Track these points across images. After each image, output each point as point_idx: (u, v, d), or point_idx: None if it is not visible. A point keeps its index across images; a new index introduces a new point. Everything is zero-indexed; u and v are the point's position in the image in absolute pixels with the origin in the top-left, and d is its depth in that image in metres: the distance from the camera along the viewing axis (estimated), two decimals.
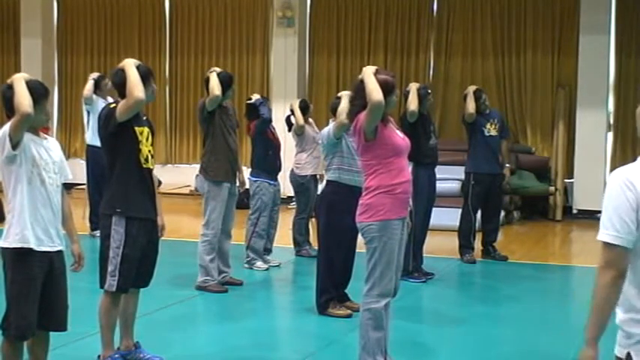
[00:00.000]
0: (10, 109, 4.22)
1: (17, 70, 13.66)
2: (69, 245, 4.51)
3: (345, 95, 6.53)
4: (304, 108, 9.14)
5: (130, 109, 4.85)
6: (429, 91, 8.38)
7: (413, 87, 8.15)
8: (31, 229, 4.23)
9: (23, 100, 4.11)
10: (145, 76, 4.93)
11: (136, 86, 4.78)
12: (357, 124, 4.92)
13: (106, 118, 4.95)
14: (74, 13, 15.73)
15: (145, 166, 5.01)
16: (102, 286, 5.00)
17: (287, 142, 9.82)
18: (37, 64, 15.11)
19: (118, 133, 4.92)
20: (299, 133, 9.03)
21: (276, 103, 13.11)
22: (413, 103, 7.94)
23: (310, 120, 9.31)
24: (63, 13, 15.81)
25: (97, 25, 15.61)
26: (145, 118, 5.16)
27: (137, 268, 5.01)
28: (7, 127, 4.17)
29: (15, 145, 4.16)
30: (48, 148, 4.34)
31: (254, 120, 8.48)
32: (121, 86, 4.94)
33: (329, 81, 14.29)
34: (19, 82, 4.19)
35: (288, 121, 9.25)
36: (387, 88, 4.89)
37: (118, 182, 5.00)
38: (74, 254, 4.52)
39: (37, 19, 15.49)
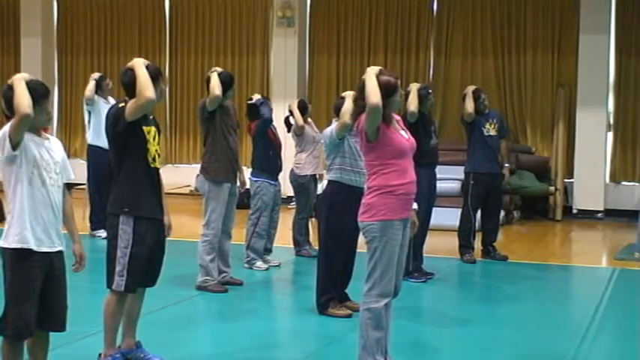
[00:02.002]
0: (10, 110, 4.22)
1: (17, 70, 13.67)
2: (70, 245, 4.51)
3: (349, 95, 6.52)
4: (303, 108, 9.15)
5: (140, 109, 4.84)
6: (430, 91, 8.37)
7: (413, 87, 8.14)
8: (31, 229, 4.22)
9: (22, 101, 4.10)
10: (155, 76, 4.91)
11: (146, 87, 4.77)
12: (359, 125, 4.92)
13: (115, 118, 4.94)
14: (74, 13, 15.74)
15: (152, 165, 5.01)
16: (109, 286, 4.99)
17: (287, 142, 9.82)
18: (37, 64, 15.13)
19: (127, 133, 4.91)
20: (299, 134, 9.03)
21: (276, 103, 13.08)
22: (413, 104, 7.93)
23: (310, 120, 9.31)
24: (63, 13, 15.81)
25: (97, 25, 15.62)
26: (151, 117, 5.15)
27: (145, 267, 5.02)
28: (7, 127, 4.17)
29: (15, 146, 4.16)
30: (49, 149, 4.34)
31: (255, 120, 8.48)
32: (129, 86, 4.93)
33: (329, 81, 14.30)
34: (19, 82, 4.18)
35: (287, 122, 9.25)
36: (388, 89, 4.89)
37: (125, 182, 4.99)
38: (75, 254, 4.51)
39: (37, 18, 15.50)
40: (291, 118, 9.13)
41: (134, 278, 4.95)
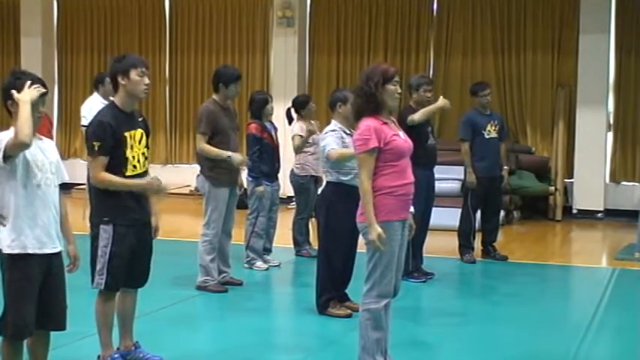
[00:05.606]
0: (5, 101, 4.19)
1: None
2: (65, 246, 4.51)
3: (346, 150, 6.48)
4: (303, 102, 9.16)
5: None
6: (429, 88, 8.30)
7: (439, 103, 8.05)
8: (30, 233, 4.20)
9: (24, 129, 4.02)
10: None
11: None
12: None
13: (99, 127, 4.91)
14: (74, 13, 15.72)
15: (133, 172, 4.96)
16: (92, 285, 5.01)
17: (287, 142, 9.79)
18: (37, 63, 15.09)
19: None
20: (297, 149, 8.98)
21: (276, 103, 13.06)
22: (420, 115, 7.79)
23: (312, 122, 9.28)
24: (63, 13, 15.80)
25: (97, 25, 15.60)
26: (140, 119, 5.14)
27: (129, 267, 5.00)
28: (5, 137, 4.11)
29: (6, 160, 4.11)
30: (44, 149, 4.31)
31: (255, 120, 8.50)
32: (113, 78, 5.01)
33: (329, 80, 14.27)
34: (25, 106, 4.08)
35: (288, 114, 9.22)
36: (386, 76, 4.92)
37: (103, 192, 4.96)
38: (70, 255, 4.51)
39: (37, 18, 15.48)
40: (292, 111, 9.13)
41: (114, 277, 4.95)
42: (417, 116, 7.83)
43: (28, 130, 4.02)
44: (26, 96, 4.13)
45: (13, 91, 4.17)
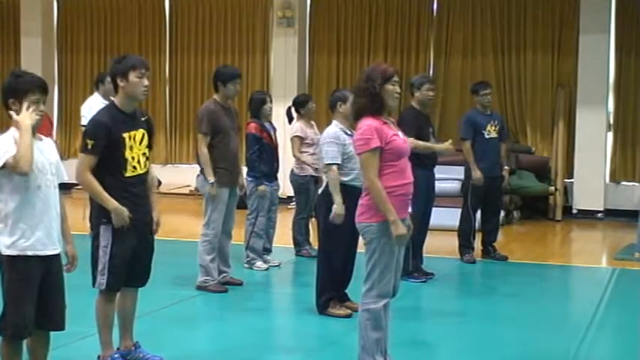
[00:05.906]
0: (9, 98, 4.18)
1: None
2: (64, 246, 4.51)
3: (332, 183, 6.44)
4: (302, 102, 9.17)
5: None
6: (432, 87, 8.24)
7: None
8: (31, 236, 4.19)
9: (25, 157, 4.03)
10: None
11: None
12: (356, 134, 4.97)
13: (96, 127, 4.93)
14: (74, 13, 15.73)
15: (133, 173, 4.95)
16: (93, 285, 5.01)
17: (287, 142, 9.80)
18: (37, 63, 15.09)
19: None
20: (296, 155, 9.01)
21: (276, 102, 13.07)
22: (418, 146, 7.37)
23: (312, 122, 9.28)
24: (63, 13, 15.81)
25: (97, 25, 15.60)
26: (143, 119, 5.12)
27: (130, 267, 5.00)
28: (3, 153, 4.08)
29: (3, 167, 4.12)
30: (43, 150, 4.29)
31: (255, 119, 8.50)
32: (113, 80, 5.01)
33: (329, 81, 14.27)
34: (27, 133, 4.07)
35: (288, 113, 9.22)
36: (385, 75, 4.93)
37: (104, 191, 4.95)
38: (68, 255, 4.51)
39: (37, 18, 15.49)
40: (292, 110, 9.14)
41: (116, 276, 4.95)
42: (414, 143, 7.53)
43: (29, 159, 4.05)
44: (27, 120, 4.11)
45: (12, 113, 4.18)
